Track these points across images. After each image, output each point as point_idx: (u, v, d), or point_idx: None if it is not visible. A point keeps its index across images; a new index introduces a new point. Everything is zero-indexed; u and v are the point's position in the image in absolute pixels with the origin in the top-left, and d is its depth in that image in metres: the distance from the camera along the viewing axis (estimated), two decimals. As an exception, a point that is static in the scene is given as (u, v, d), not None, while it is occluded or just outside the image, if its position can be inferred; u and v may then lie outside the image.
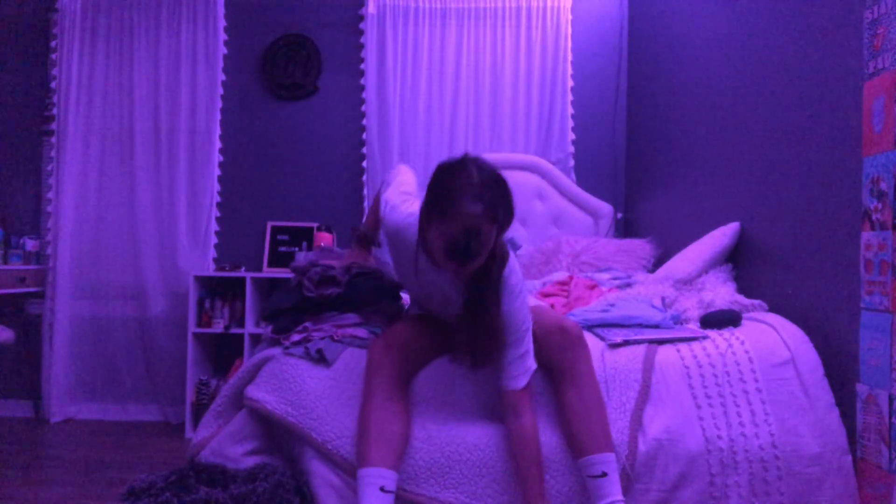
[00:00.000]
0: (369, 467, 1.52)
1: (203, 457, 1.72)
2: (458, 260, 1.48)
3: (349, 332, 1.85)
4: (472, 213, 1.43)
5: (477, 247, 1.46)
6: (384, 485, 1.50)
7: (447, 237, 1.46)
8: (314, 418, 1.66)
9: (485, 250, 1.49)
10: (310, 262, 1.93)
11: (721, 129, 2.52)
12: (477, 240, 1.45)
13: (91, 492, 2.46)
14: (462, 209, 1.43)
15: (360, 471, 1.53)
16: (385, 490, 1.50)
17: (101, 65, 3.71)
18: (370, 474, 1.51)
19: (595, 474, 1.53)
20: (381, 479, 1.51)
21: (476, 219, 1.43)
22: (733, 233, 2.29)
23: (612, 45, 3.78)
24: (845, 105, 1.73)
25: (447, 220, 1.45)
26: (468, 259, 1.47)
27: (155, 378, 3.64)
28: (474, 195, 1.44)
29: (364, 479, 1.51)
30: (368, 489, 1.49)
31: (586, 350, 1.67)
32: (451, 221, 1.44)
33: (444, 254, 1.49)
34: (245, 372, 1.82)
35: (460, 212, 1.43)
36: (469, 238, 1.45)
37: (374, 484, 1.50)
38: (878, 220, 1.55)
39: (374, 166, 3.69)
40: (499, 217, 1.48)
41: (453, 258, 1.48)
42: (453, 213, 1.44)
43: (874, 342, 1.55)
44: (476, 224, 1.44)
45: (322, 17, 3.80)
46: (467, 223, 1.43)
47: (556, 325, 1.68)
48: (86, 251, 3.67)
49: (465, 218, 1.43)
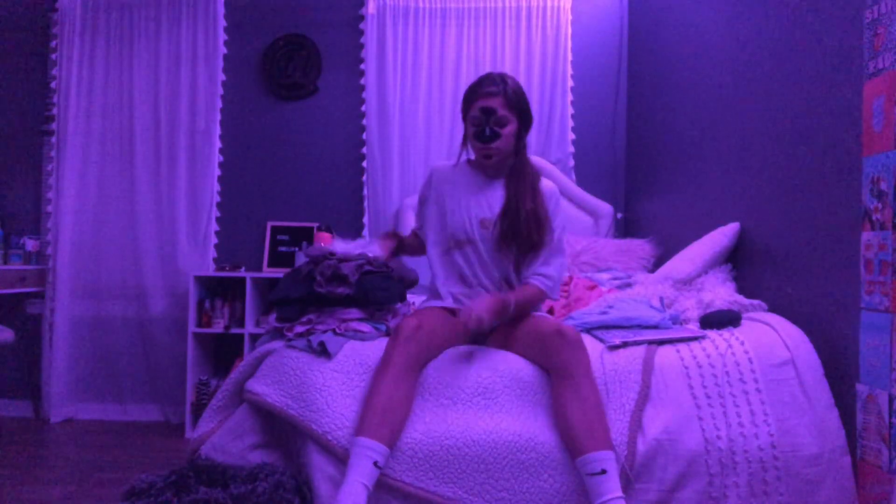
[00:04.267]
0: (370, 439, 1.54)
1: (204, 452, 1.73)
2: (483, 138, 1.88)
3: (352, 326, 1.87)
4: (488, 93, 1.87)
5: (495, 125, 1.87)
6: (378, 460, 1.53)
7: (473, 120, 1.90)
8: (314, 410, 1.67)
9: (504, 134, 1.89)
10: (324, 254, 1.93)
11: (721, 128, 2.52)
12: (495, 117, 1.87)
13: (91, 492, 2.46)
14: (481, 90, 1.88)
15: (360, 438, 1.54)
16: (377, 466, 1.53)
17: (101, 65, 3.71)
18: (370, 446, 1.53)
19: (594, 472, 1.54)
20: (377, 453, 1.53)
21: (492, 97, 1.87)
22: (733, 233, 2.29)
23: (612, 45, 3.78)
24: (845, 105, 1.73)
25: (472, 106, 1.90)
26: (491, 137, 1.87)
27: (155, 378, 3.64)
28: (492, 82, 1.89)
29: (361, 447, 1.53)
30: (363, 460, 1.51)
31: (584, 352, 1.69)
32: (474, 105, 1.89)
33: (473, 138, 1.92)
34: (246, 366, 1.83)
35: (479, 93, 1.88)
36: (488, 116, 1.87)
37: (370, 457, 1.52)
38: (878, 220, 1.55)
39: (374, 166, 3.69)
40: (514, 104, 1.88)
41: (479, 138, 1.89)
42: (475, 97, 1.89)
43: (874, 342, 1.55)
44: (492, 104, 1.86)
45: (322, 17, 3.80)
46: (485, 103, 1.87)
47: (554, 329, 1.71)
48: (86, 251, 3.67)
49: (483, 98, 1.88)
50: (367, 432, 1.55)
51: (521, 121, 1.92)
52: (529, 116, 1.94)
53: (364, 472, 1.50)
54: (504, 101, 1.87)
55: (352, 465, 1.51)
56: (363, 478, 1.49)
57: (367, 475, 1.50)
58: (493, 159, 1.93)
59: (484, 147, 1.90)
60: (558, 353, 1.67)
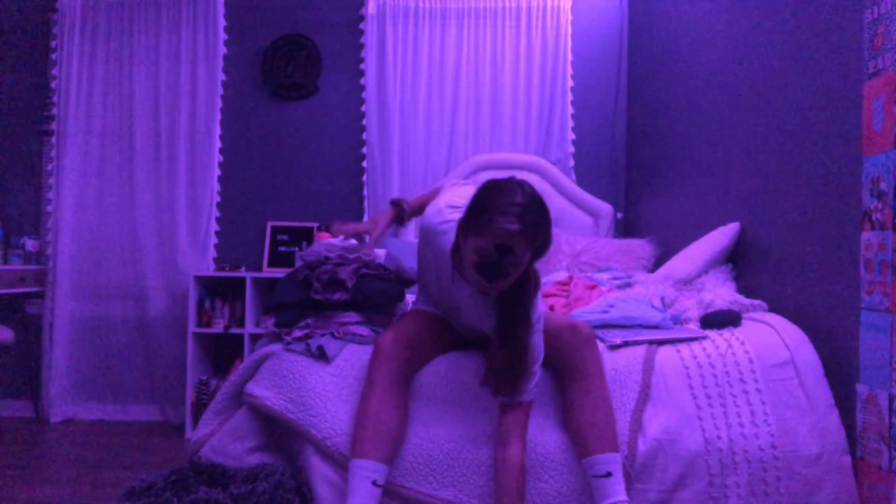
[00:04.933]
0: (364, 459, 1.53)
1: (203, 454, 1.72)
2: (488, 276, 1.49)
3: (351, 330, 1.86)
4: (509, 231, 1.44)
5: (508, 265, 1.48)
6: (376, 479, 1.52)
7: (480, 250, 1.47)
8: (313, 415, 1.66)
9: (515, 272, 1.50)
10: (320, 258, 1.92)
11: (721, 128, 2.52)
12: (510, 258, 1.47)
13: (91, 492, 2.46)
14: (501, 225, 1.44)
15: (354, 461, 1.53)
16: (376, 484, 1.51)
17: (101, 65, 3.71)
18: (365, 467, 1.52)
19: (600, 474, 1.53)
20: (374, 473, 1.52)
21: (512, 236, 1.44)
22: (733, 233, 2.29)
23: (612, 45, 3.78)
24: (845, 105, 1.72)
25: (484, 233, 1.46)
26: (498, 276, 1.49)
27: (155, 378, 3.64)
28: (515, 213, 1.45)
29: (357, 470, 1.52)
30: (361, 482, 1.50)
31: (596, 349, 1.67)
32: (488, 235, 1.45)
33: (474, 267, 1.50)
34: (245, 369, 1.83)
35: (499, 227, 1.44)
36: (502, 254, 1.46)
37: (367, 477, 1.51)
38: (878, 220, 1.55)
39: (374, 166, 3.69)
40: (535, 241, 1.49)
41: (483, 273, 1.49)
42: (492, 227, 1.45)
43: (874, 342, 1.55)
44: (511, 241, 1.45)
45: (322, 17, 3.80)
46: (503, 239, 1.45)
47: (567, 324, 1.69)
48: (86, 251, 3.67)
49: (502, 233, 1.44)
50: (362, 454, 1.54)
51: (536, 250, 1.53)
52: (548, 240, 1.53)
53: (364, 493, 1.49)
54: (526, 240, 1.47)
55: (351, 489, 1.50)
56: (363, 500, 1.49)
57: (367, 495, 1.50)
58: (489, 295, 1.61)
59: (486, 286, 1.52)
60: (572, 349, 1.64)
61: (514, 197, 1.48)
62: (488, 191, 1.53)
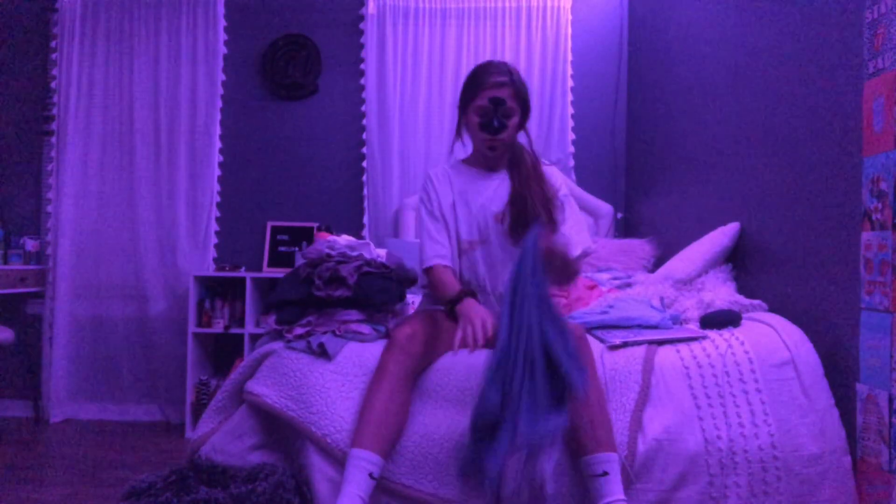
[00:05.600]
0: (365, 450, 1.54)
1: (203, 452, 1.73)
2: (490, 130, 1.85)
3: (352, 328, 1.86)
4: (498, 82, 1.82)
5: (503, 117, 1.84)
6: (373, 471, 1.53)
7: (479, 110, 1.85)
8: (314, 412, 1.67)
9: (510, 126, 1.86)
10: (322, 256, 1.92)
11: (721, 128, 2.52)
12: (503, 108, 1.83)
13: (91, 492, 2.46)
14: (489, 80, 1.83)
15: (355, 450, 1.54)
16: (373, 477, 1.53)
17: (101, 65, 3.71)
18: (365, 458, 1.53)
19: (596, 473, 1.53)
20: (373, 465, 1.53)
21: (502, 87, 1.82)
22: (733, 233, 2.29)
23: (612, 45, 3.78)
24: (845, 105, 1.72)
25: (479, 94, 1.84)
26: (499, 128, 1.84)
27: (155, 378, 3.64)
28: (500, 72, 1.84)
29: (356, 460, 1.53)
30: (358, 473, 1.51)
31: (589, 350, 1.68)
32: (482, 94, 1.83)
33: (478, 128, 1.87)
34: (245, 367, 1.83)
35: (490, 82, 1.82)
36: (497, 106, 1.82)
37: (365, 469, 1.52)
38: (878, 220, 1.55)
39: (374, 166, 3.69)
40: (520, 93, 1.86)
41: (486, 129, 1.86)
42: (484, 86, 1.83)
43: (874, 342, 1.55)
44: (501, 93, 1.82)
45: (322, 17, 3.80)
46: (495, 92, 1.82)
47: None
48: (86, 251, 3.67)
49: (493, 86, 1.82)
50: (363, 444, 1.54)
51: (523, 112, 1.91)
52: (529, 108, 1.94)
53: (360, 484, 1.50)
54: (513, 92, 1.84)
55: (348, 477, 1.51)
56: (359, 490, 1.49)
57: (364, 487, 1.50)
58: (496, 151, 1.93)
59: (490, 139, 1.87)
60: None
61: (494, 62, 1.89)
62: (474, 69, 1.91)
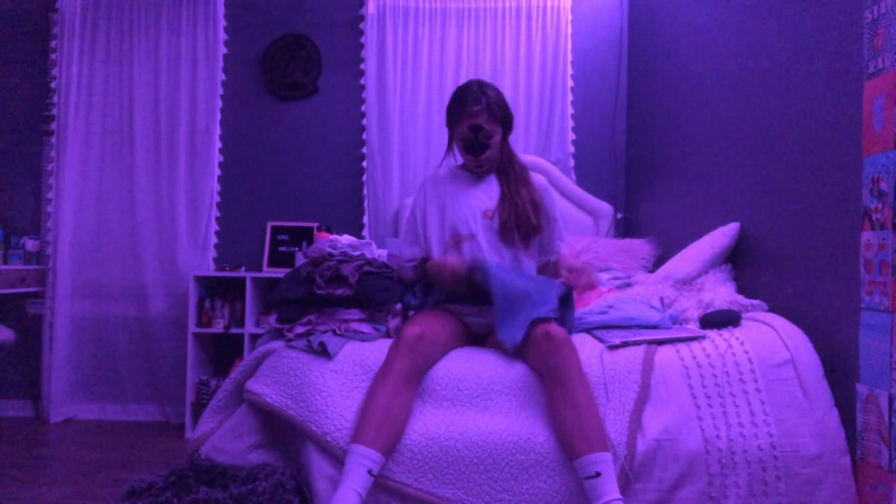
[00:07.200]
0: (365, 447, 1.55)
1: (203, 452, 1.73)
2: (474, 152, 2.02)
3: (352, 327, 1.87)
4: (473, 112, 1.97)
5: (484, 139, 2.00)
6: (372, 468, 1.53)
7: (461, 136, 2.02)
8: (314, 411, 1.67)
9: (492, 144, 2.02)
10: (323, 255, 1.93)
11: (721, 128, 2.52)
12: (483, 133, 1.99)
13: (91, 492, 2.46)
14: (466, 110, 1.99)
15: (355, 446, 1.55)
16: (371, 474, 1.53)
17: (100, 65, 3.71)
18: (365, 454, 1.54)
19: (589, 475, 1.53)
20: (372, 462, 1.54)
21: (478, 115, 1.97)
22: (733, 233, 2.29)
23: (612, 45, 3.78)
24: (845, 105, 1.72)
25: (459, 122, 2.01)
26: (481, 150, 2.01)
27: (155, 378, 3.64)
28: (476, 100, 1.99)
29: (356, 456, 1.54)
30: (358, 469, 1.52)
31: (573, 353, 1.68)
32: (461, 122, 2.00)
33: (463, 151, 2.05)
34: (246, 366, 1.83)
35: (465, 112, 1.99)
36: (476, 133, 1.99)
37: (365, 465, 1.53)
38: (878, 220, 1.55)
39: (374, 166, 3.69)
40: (498, 116, 2.00)
41: (470, 151, 2.03)
42: (462, 115, 1.99)
43: (874, 342, 1.55)
44: (479, 120, 1.97)
45: (322, 17, 3.80)
46: (472, 120, 1.98)
47: (541, 332, 1.70)
48: (86, 251, 3.66)
49: (469, 116, 1.98)
50: (364, 440, 1.55)
51: (504, 127, 2.05)
52: (511, 119, 2.08)
53: (358, 479, 1.51)
54: (489, 116, 1.98)
55: (346, 473, 1.52)
56: (357, 486, 1.50)
57: (362, 483, 1.51)
58: (482, 168, 2.09)
59: (475, 159, 2.05)
60: (547, 357, 1.67)
61: (471, 87, 2.03)
62: (455, 94, 2.07)
